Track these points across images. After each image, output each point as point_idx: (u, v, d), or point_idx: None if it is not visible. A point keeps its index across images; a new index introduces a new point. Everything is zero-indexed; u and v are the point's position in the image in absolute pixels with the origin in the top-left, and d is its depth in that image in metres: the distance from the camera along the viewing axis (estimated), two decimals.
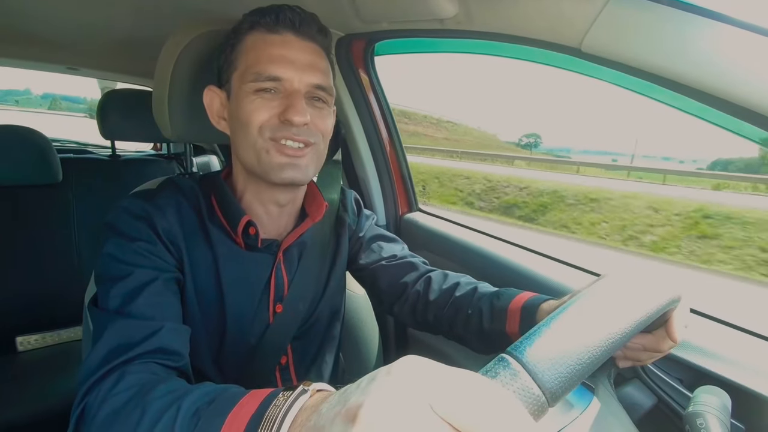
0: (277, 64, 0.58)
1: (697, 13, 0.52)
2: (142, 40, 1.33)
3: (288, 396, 0.32)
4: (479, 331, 0.65)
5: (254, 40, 0.61)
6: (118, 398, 0.42)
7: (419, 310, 0.73)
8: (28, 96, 29.85)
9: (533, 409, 0.28)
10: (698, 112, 0.60)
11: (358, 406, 0.24)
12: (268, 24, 0.60)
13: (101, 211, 1.45)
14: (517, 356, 0.29)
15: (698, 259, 6.97)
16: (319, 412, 0.28)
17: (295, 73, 0.59)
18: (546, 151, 32.63)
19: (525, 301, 0.60)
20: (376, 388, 0.24)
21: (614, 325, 0.35)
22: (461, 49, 0.96)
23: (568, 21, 0.62)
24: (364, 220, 0.83)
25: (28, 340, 1.34)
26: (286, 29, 0.60)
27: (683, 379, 0.62)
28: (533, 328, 0.33)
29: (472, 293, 0.68)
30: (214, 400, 0.37)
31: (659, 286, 0.41)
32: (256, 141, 0.59)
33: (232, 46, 0.62)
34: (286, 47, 0.60)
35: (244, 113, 0.59)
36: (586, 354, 0.32)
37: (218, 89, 0.65)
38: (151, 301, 0.53)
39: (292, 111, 0.57)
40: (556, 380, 0.29)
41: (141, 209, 0.58)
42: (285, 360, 0.72)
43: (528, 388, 0.28)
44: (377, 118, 1.15)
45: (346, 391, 0.27)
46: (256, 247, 0.65)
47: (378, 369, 0.26)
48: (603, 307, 0.36)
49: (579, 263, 0.88)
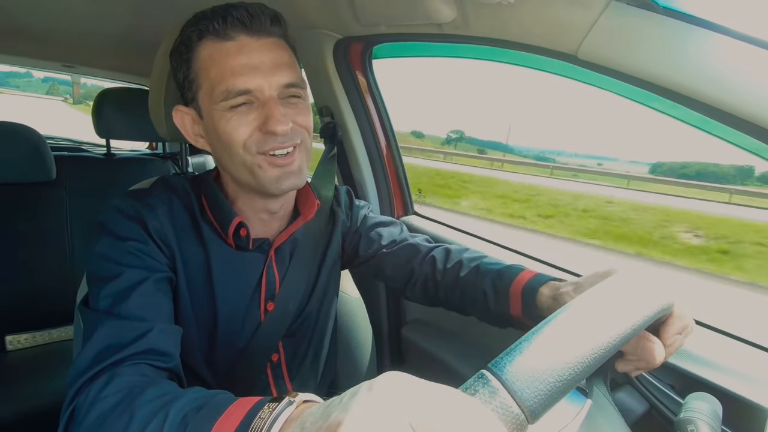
0: (243, 76, 0.55)
1: (693, 23, 0.52)
2: (138, 38, 1.32)
3: (273, 408, 0.33)
4: (488, 312, 0.65)
5: (209, 51, 0.57)
6: (106, 401, 0.42)
7: (430, 290, 0.73)
8: (29, 79, 29.40)
9: (512, 427, 0.28)
10: (693, 122, 0.60)
11: (338, 423, 0.24)
12: (216, 30, 0.56)
13: (95, 210, 1.42)
14: (496, 373, 0.29)
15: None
16: (302, 425, 0.28)
17: (264, 79, 0.56)
18: (479, 146, 34.63)
19: (525, 283, 0.60)
20: (356, 405, 0.25)
21: (596, 341, 0.34)
22: (458, 53, 0.96)
23: (565, 28, 0.62)
24: (357, 211, 0.82)
25: (18, 339, 1.32)
26: (238, 32, 0.56)
27: (675, 386, 0.63)
28: (515, 343, 0.32)
29: (475, 274, 0.67)
30: (201, 407, 0.38)
31: (647, 295, 0.41)
32: (245, 158, 0.57)
33: (187, 61, 0.58)
34: (245, 53, 0.56)
35: (224, 133, 0.57)
36: (567, 371, 0.31)
37: (186, 108, 0.62)
38: (142, 301, 0.53)
39: (273, 122, 0.55)
40: (536, 398, 0.29)
41: (132, 209, 0.58)
42: (277, 358, 0.71)
43: (507, 406, 0.28)
44: (374, 121, 1.15)
45: (329, 405, 0.27)
46: (248, 247, 0.65)
47: (361, 384, 0.26)
48: (585, 322, 0.35)
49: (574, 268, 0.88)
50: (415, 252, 0.76)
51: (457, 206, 10.36)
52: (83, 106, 16.42)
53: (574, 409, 0.45)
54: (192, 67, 0.58)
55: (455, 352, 1.00)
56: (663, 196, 12.22)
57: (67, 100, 16.09)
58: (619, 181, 15.19)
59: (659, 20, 0.54)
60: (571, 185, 14.01)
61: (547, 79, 5.59)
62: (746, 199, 11.35)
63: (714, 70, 0.52)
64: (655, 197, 11.86)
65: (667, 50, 0.54)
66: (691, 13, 0.52)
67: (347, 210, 0.81)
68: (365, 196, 1.19)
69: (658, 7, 0.53)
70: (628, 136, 28.94)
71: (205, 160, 2.22)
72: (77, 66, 1.86)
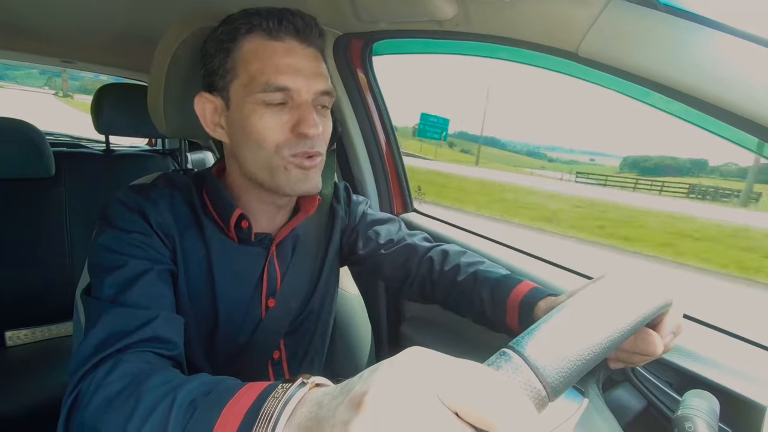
0: (285, 74, 0.56)
1: (694, 20, 0.52)
2: (138, 34, 1.32)
3: (287, 388, 0.32)
4: (484, 317, 0.66)
5: (255, 46, 0.58)
6: (112, 386, 0.42)
7: (427, 291, 0.74)
8: (28, 71, 29.34)
9: (535, 403, 0.28)
10: (694, 119, 0.60)
11: (363, 393, 0.23)
12: (269, 29, 0.58)
13: (94, 206, 1.44)
14: (519, 351, 0.29)
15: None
16: (320, 403, 0.28)
17: (304, 82, 0.57)
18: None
19: (523, 296, 0.61)
20: (381, 377, 0.24)
21: (612, 325, 0.35)
22: (459, 50, 0.96)
23: (566, 25, 0.62)
24: (355, 207, 0.82)
25: (17, 335, 1.32)
26: (289, 35, 0.58)
27: (673, 383, 0.63)
28: (534, 324, 0.33)
29: (473, 280, 0.68)
30: (210, 391, 0.37)
31: (653, 289, 0.42)
32: (272, 159, 0.58)
33: (227, 50, 0.59)
34: (291, 55, 0.58)
35: (255, 129, 0.57)
36: (586, 351, 0.32)
37: (211, 96, 0.61)
38: (146, 291, 0.53)
39: (305, 125, 0.57)
40: (557, 375, 0.29)
41: (135, 202, 0.58)
42: (278, 355, 0.72)
43: (530, 383, 0.28)
44: (374, 118, 1.15)
45: (348, 383, 0.27)
46: (249, 240, 0.65)
47: (381, 361, 0.26)
48: (601, 306, 0.36)
49: (572, 266, 0.88)
50: (412, 252, 0.76)
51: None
52: (69, 99, 16.65)
53: (570, 408, 0.45)
54: (231, 56, 0.59)
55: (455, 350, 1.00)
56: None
57: (57, 94, 16.26)
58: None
59: (660, 18, 0.54)
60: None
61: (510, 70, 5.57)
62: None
63: (716, 68, 0.52)
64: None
65: (668, 48, 0.54)
66: (693, 11, 0.52)
67: (345, 206, 0.81)
68: (365, 192, 1.19)
69: (659, 4, 0.53)
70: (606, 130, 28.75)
71: (204, 157, 2.22)
72: (76, 62, 1.86)
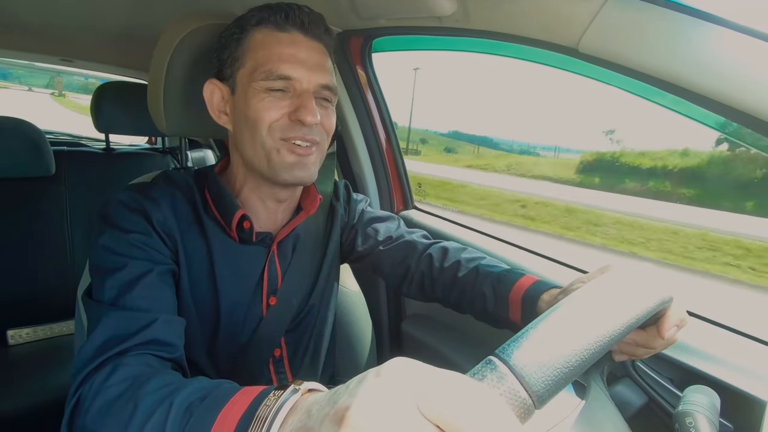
0: (288, 63, 0.58)
1: (695, 15, 0.52)
2: (137, 33, 1.31)
3: (279, 395, 0.33)
4: (485, 313, 0.66)
5: (262, 36, 0.60)
6: (111, 390, 0.42)
7: (427, 288, 0.74)
8: (32, 70, 29.34)
9: (520, 412, 0.28)
10: (694, 115, 0.60)
11: (346, 408, 0.24)
12: (277, 21, 0.60)
13: (94, 204, 1.44)
14: (504, 359, 0.29)
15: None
16: (309, 412, 0.28)
17: (305, 72, 0.59)
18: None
19: (525, 290, 0.61)
20: (364, 390, 0.24)
21: (603, 328, 0.35)
22: (459, 47, 0.96)
23: (566, 21, 0.62)
24: (354, 205, 0.82)
25: (19, 333, 1.33)
26: (295, 28, 0.61)
27: (674, 379, 0.63)
28: (521, 330, 0.33)
29: (474, 275, 0.68)
30: (206, 396, 0.38)
31: (650, 287, 0.41)
32: (265, 140, 0.59)
33: (237, 41, 0.61)
34: (296, 46, 0.60)
35: (253, 111, 0.59)
36: (574, 357, 0.32)
37: (220, 83, 0.64)
38: (146, 293, 0.53)
39: (304, 111, 0.58)
40: (543, 383, 0.29)
41: (135, 202, 0.58)
42: (279, 353, 0.72)
43: (515, 391, 0.28)
44: (374, 114, 1.14)
45: (336, 392, 0.27)
46: (251, 240, 0.65)
47: (368, 370, 0.26)
48: (592, 309, 0.36)
49: (573, 263, 0.88)
50: (411, 249, 0.76)
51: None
52: (62, 99, 16.85)
53: (572, 402, 0.45)
54: (241, 46, 0.61)
55: (455, 347, 1.00)
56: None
57: (54, 94, 16.41)
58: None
59: (661, 13, 0.53)
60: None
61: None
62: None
63: (716, 63, 0.52)
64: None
65: (668, 43, 0.54)
66: (693, 6, 0.52)
67: (345, 204, 0.82)
68: (365, 190, 1.19)
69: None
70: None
71: (204, 155, 2.22)
72: (75, 60, 1.85)
